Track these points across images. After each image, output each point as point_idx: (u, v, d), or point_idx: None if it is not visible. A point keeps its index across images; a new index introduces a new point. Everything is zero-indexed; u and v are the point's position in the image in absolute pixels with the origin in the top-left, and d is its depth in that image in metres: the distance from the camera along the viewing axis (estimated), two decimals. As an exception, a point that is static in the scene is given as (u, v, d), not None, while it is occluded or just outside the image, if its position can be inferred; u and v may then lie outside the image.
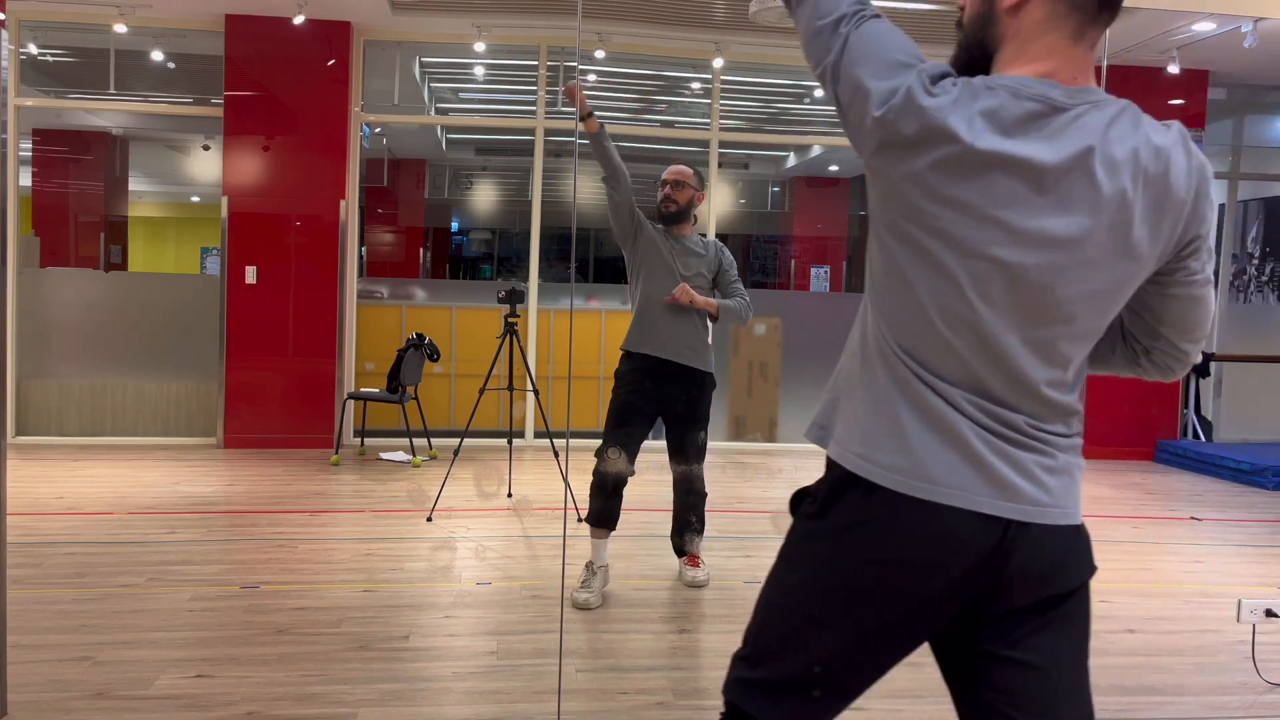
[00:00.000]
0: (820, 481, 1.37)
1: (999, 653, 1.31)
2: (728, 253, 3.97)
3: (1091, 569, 1.35)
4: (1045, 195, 1.21)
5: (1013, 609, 1.30)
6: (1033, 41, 1.26)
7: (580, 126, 3.64)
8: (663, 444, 3.96)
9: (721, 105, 7.33)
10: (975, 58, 1.33)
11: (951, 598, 1.29)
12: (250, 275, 6.65)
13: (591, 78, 7.55)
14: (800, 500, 1.40)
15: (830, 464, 1.36)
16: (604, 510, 3.77)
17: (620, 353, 3.91)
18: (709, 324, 3.89)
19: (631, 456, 3.76)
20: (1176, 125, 1.28)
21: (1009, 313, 1.24)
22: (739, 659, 1.42)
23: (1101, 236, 1.23)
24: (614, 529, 3.81)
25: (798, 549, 1.38)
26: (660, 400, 3.82)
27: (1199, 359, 1.39)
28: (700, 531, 3.99)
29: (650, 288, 3.81)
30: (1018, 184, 1.21)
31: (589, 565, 3.79)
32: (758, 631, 1.41)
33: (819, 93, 8.18)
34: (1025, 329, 1.25)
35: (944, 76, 1.25)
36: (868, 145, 1.27)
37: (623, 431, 3.74)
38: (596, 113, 3.67)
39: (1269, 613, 3.16)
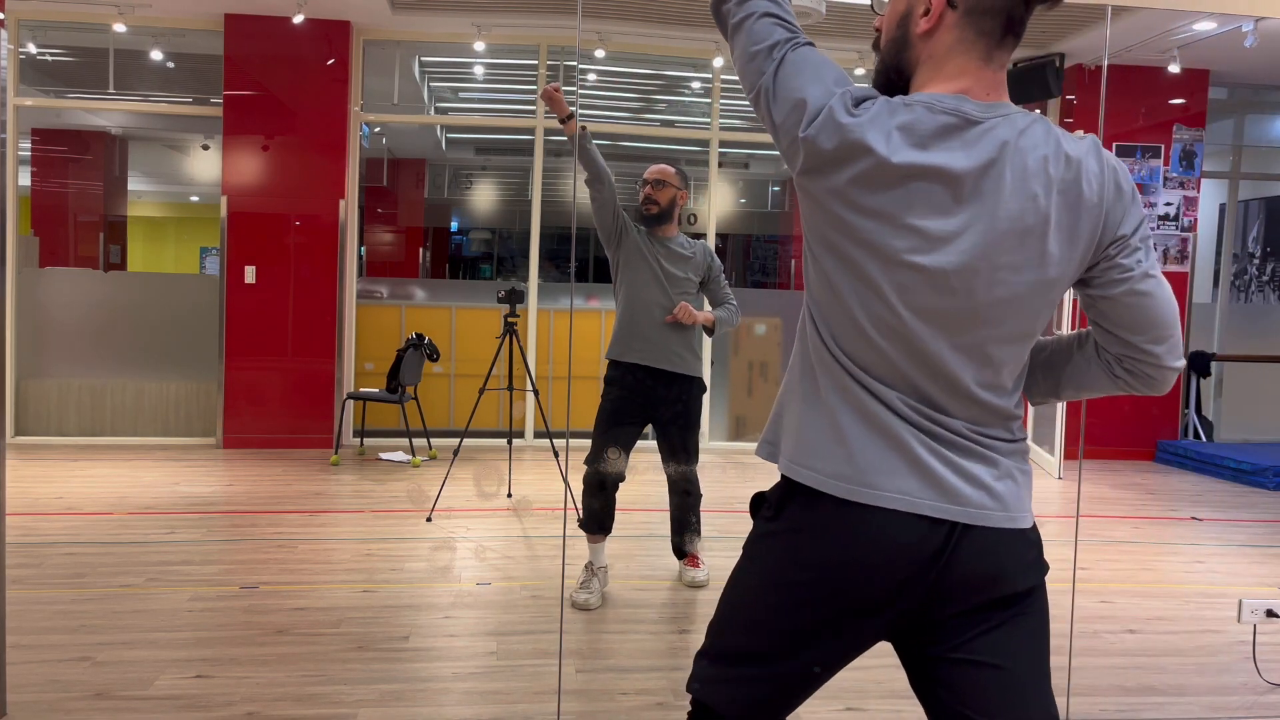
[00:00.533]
0: (775, 486, 1.42)
1: (948, 655, 1.34)
2: (717, 258, 3.93)
3: (1043, 569, 1.39)
4: (961, 202, 1.26)
5: (960, 611, 1.33)
6: (946, 63, 1.32)
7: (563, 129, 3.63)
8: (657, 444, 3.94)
9: (721, 105, 7.33)
10: (893, 80, 1.39)
11: (897, 599, 1.32)
12: (250, 275, 6.65)
13: (591, 78, 7.55)
14: (759, 504, 1.45)
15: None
16: (596, 516, 3.77)
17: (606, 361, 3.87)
18: (698, 329, 3.87)
19: (620, 463, 3.76)
20: (1090, 136, 1.35)
21: (935, 319, 1.29)
22: (701, 655, 1.47)
23: (1015, 241, 1.27)
24: (609, 533, 3.82)
25: (755, 549, 1.44)
26: (650, 407, 3.78)
27: (1179, 363, 1.38)
28: (698, 532, 3.99)
29: (634, 293, 3.77)
30: (934, 192, 1.26)
31: (588, 566, 3.80)
32: (718, 628, 1.47)
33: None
34: (952, 334, 1.29)
35: (866, 99, 1.30)
36: (795, 163, 1.33)
37: (611, 437, 3.73)
38: (595, 113, 3.67)
39: (1270, 613, 3.16)
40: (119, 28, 6.46)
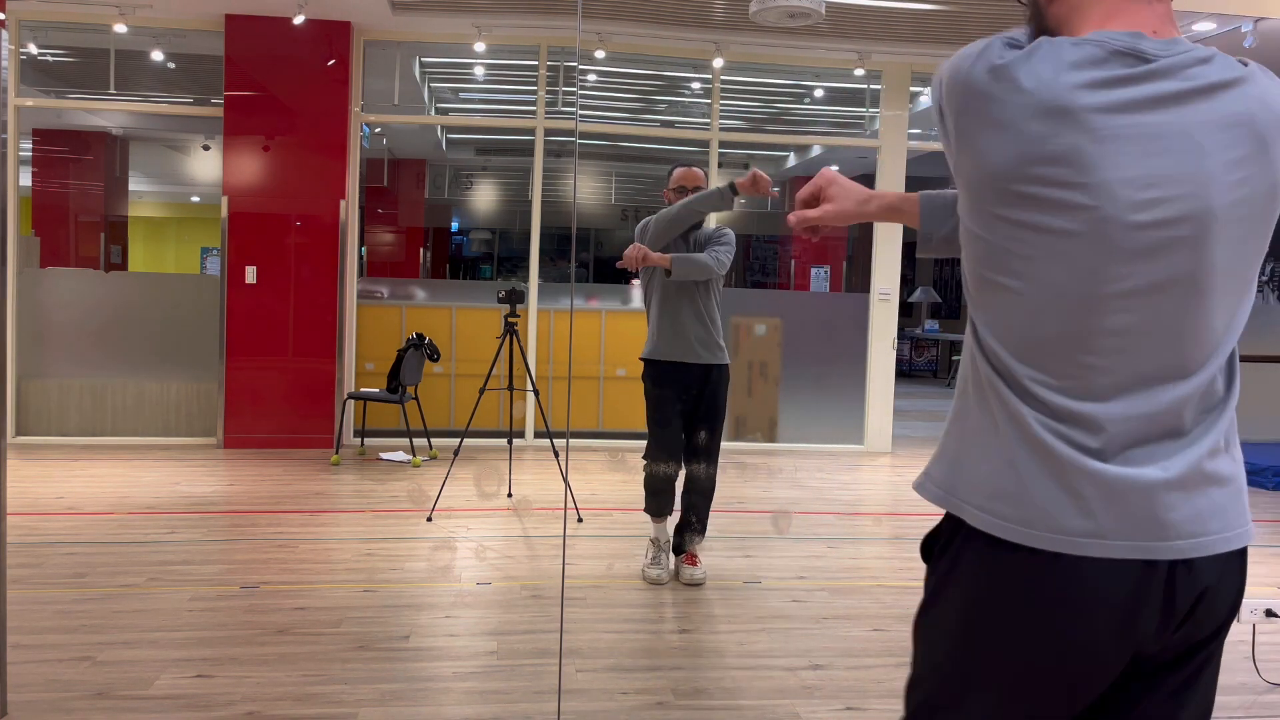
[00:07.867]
0: (944, 529, 1.20)
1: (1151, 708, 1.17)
2: (726, 231, 4.03)
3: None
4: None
5: (1173, 651, 1.16)
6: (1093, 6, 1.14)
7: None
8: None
9: (721, 105, 7.33)
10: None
11: (1104, 657, 1.11)
12: (250, 275, 6.66)
13: (591, 78, 7.55)
14: (930, 547, 1.23)
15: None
16: (656, 504, 4.02)
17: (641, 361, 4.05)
18: (717, 317, 3.97)
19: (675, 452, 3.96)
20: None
21: (1167, 292, 1.07)
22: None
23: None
24: (668, 515, 4.06)
25: (940, 605, 1.21)
26: (682, 398, 3.94)
27: None
28: (701, 531, 4.02)
29: (664, 295, 3.93)
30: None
31: (654, 541, 4.02)
32: (927, 679, 1.23)
33: (819, 93, 8.17)
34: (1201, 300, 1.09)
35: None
36: None
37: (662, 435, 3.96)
38: (595, 113, 3.70)
39: (1269, 613, 3.16)
40: (119, 28, 6.46)
